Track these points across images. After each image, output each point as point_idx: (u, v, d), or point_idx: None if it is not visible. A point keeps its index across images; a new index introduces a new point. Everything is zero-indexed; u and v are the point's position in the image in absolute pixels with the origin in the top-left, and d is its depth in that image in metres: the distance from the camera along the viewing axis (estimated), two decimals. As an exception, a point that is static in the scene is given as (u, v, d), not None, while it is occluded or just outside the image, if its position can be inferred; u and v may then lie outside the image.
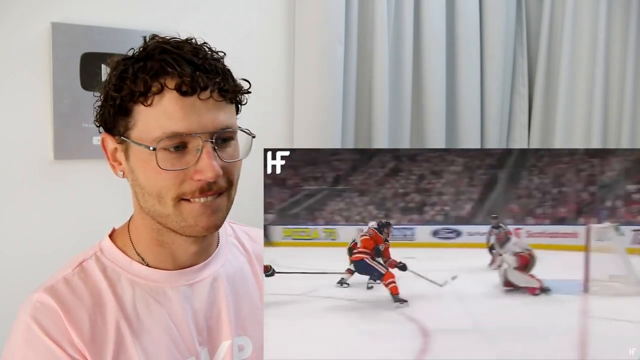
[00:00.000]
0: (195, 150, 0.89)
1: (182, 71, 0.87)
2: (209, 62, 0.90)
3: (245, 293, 1.08)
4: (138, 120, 0.89)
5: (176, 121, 0.87)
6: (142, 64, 0.89)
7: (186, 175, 0.90)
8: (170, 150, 0.88)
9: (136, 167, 0.92)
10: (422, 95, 2.40)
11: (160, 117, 0.88)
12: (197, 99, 0.88)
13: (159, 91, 0.87)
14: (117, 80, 0.90)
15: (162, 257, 0.99)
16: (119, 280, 0.97)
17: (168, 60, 0.88)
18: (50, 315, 0.91)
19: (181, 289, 1.00)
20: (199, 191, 0.91)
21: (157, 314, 0.97)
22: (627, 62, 2.52)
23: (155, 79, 0.88)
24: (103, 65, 1.74)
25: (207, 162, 0.88)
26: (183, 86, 0.87)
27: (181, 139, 0.88)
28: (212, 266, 1.04)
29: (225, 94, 0.91)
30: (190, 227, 0.93)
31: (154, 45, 0.91)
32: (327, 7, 2.07)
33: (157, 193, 0.91)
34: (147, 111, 0.88)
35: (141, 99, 0.88)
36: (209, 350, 1.01)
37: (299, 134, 2.13)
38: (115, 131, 0.93)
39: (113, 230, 1.04)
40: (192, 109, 0.88)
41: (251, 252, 1.13)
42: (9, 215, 1.69)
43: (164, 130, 0.87)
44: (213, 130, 0.89)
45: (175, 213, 0.92)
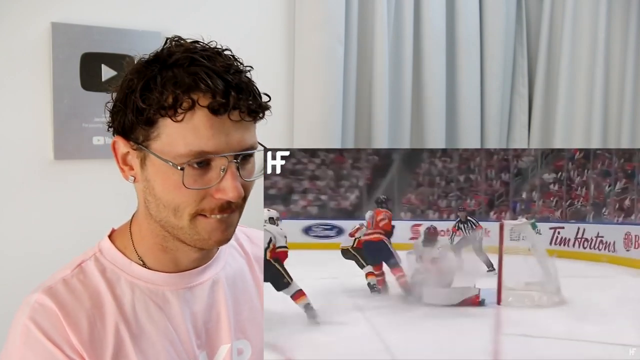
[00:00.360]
0: (219, 169, 0.88)
1: (215, 89, 0.85)
2: (240, 79, 0.89)
3: (244, 296, 1.08)
4: (162, 133, 0.87)
5: (205, 140, 0.85)
6: (171, 74, 0.86)
7: (207, 193, 0.89)
8: (194, 166, 0.87)
9: (154, 178, 0.90)
10: (422, 95, 2.40)
11: (187, 134, 0.85)
12: (227, 118, 0.86)
13: (189, 107, 0.85)
14: (144, 89, 0.87)
15: (164, 261, 0.99)
16: (118, 282, 0.96)
17: (201, 76, 0.85)
18: (48, 316, 0.90)
19: (180, 292, 0.99)
20: (219, 209, 0.90)
21: (156, 316, 0.96)
22: (627, 62, 2.52)
23: (186, 94, 0.85)
24: (103, 65, 1.74)
25: (231, 183, 0.88)
26: (215, 105, 0.85)
27: (207, 158, 0.87)
28: (212, 269, 1.04)
29: (254, 115, 0.90)
30: (202, 241, 0.93)
31: (183, 54, 0.88)
32: (327, 7, 2.07)
33: (175, 207, 0.90)
34: (174, 126, 0.86)
35: (170, 112, 0.85)
36: (207, 354, 1.01)
37: (299, 134, 2.13)
38: (131, 137, 0.90)
39: (112, 231, 1.03)
40: (221, 128, 0.86)
41: (250, 255, 1.13)
42: (9, 215, 1.69)
43: (190, 148, 0.86)
44: (239, 151, 0.88)
45: (190, 227, 0.91)
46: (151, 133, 0.88)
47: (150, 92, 0.86)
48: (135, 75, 0.89)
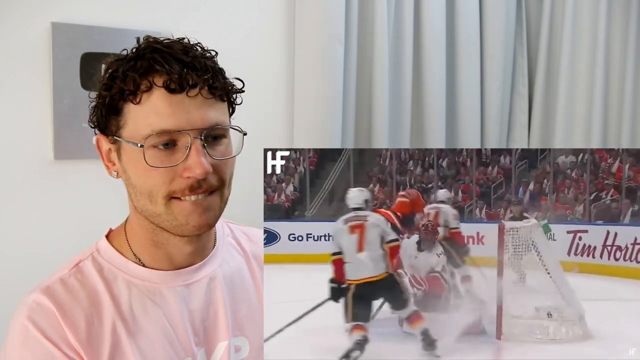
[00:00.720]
0: (184, 148, 0.89)
1: (170, 69, 0.87)
2: (198, 60, 0.90)
3: (242, 294, 1.08)
4: (128, 119, 0.90)
5: (165, 118, 0.87)
6: (133, 63, 0.89)
7: (176, 173, 0.90)
8: (160, 147, 0.88)
9: (128, 167, 0.92)
10: (422, 95, 2.40)
11: (148, 115, 0.88)
12: (186, 96, 0.88)
13: (147, 89, 0.88)
14: (108, 80, 0.91)
15: (158, 258, 0.99)
16: (115, 281, 0.97)
17: (157, 59, 0.88)
18: (46, 315, 0.90)
19: (177, 289, 0.99)
20: (189, 189, 0.90)
21: (153, 314, 0.97)
22: (627, 62, 2.52)
23: (144, 77, 0.88)
24: (103, 65, 1.74)
25: (196, 159, 0.88)
26: (171, 83, 0.87)
27: (170, 136, 0.88)
28: (208, 266, 1.04)
29: (214, 91, 0.91)
30: (181, 226, 0.93)
31: (145, 44, 0.91)
32: (327, 7, 2.08)
33: (148, 192, 0.91)
34: (136, 109, 0.89)
35: (130, 97, 0.88)
36: (205, 351, 1.01)
37: (299, 134, 2.13)
38: (108, 131, 0.93)
39: (110, 231, 1.04)
40: (181, 106, 0.88)
41: (249, 252, 1.13)
42: (9, 215, 1.69)
43: (152, 128, 0.87)
44: (202, 127, 0.89)
45: (167, 212, 0.91)
46: (120, 122, 0.91)
47: (114, 81, 0.90)
48: (105, 71, 0.93)
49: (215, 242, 1.07)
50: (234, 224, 1.15)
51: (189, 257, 1.01)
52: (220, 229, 1.09)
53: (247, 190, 1.37)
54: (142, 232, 0.98)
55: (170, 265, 1.00)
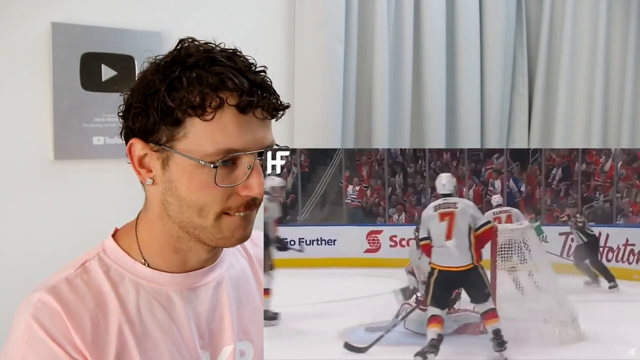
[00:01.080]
0: (244, 167, 0.89)
1: (242, 87, 0.86)
2: (262, 78, 0.90)
3: (247, 297, 1.08)
4: (189, 132, 0.87)
5: (233, 138, 0.87)
6: (195, 75, 0.87)
7: (233, 191, 0.90)
8: (221, 165, 0.88)
9: (178, 179, 0.90)
10: (422, 95, 2.39)
11: (216, 133, 0.86)
12: (253, 116, 0.88)
13: (218, 106, 0.86)
14: (169, 89, 0.87)
15: (172, 261, 0.99)
16: (122, 282, 0.96)
17: (227, 74, 0.86)
18: (51, 315, 0.90)
19: (185, 292, 0.99)
20: (244, 206, 0.91)
21: (160, 317, 0.96)
22: (627, 62, 2.52)
23: (214, 92, 0.86)
24: (103, 65, 1.74)
25: (258, 179, 0.89)
26: (243, 103, 0.86)
27: (234, 156, 0.88)
28: (216, 270, 1.04)
29: (276, 113, 0.91)
30: (225, 239, 0.94)
31: (203, 55, 0.89)
32: (327, 7, 2.07)
33: (200, 207, 0.90)
34: (202, 125, 0.87)
35: (199, 112, 0.86)
36: (210, 355, 1.01)
37: (299, 134, 2.13)
38: (154, 138, 0.90)
39: (116, 231, 1.03)
40: (247, 126, 0.88)
41: (253, 256, 1.13)
42: (9, 215, 1.69)
43: (219, 147, 0.87)
44: (263, 148, 0.90)
45: (214, 226, 0.92)
46: (177, 133, 0.88)
47: (176, 91, 0.86)
48: (155, 76, 0.89)
49: None
50: None
51: (202, 262, 1.01)
52: None
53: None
54: (163, 237, 0.97)
55: (181, 269, 0.99)
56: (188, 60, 0.88)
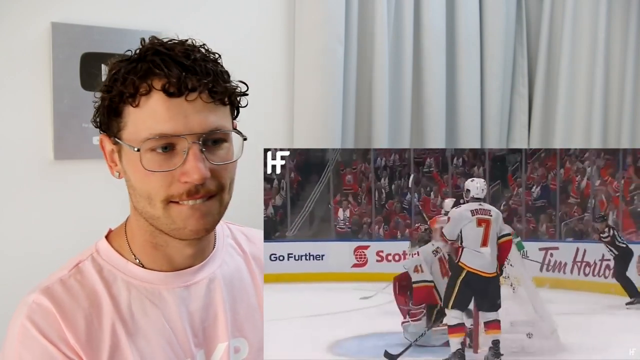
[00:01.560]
0: (182, 152, 0.88)
1: (169, 72, 0.87)
2: (199, 63, 0.89)
3: (242, 294, 1.08)
4: (128, 121, 0.90)
5: (162, 122, 0.87)
6: (134, 66, 0.89)
7: (174, 177, 0.89)
8: (158, 151, 0.88)
9: (127, 169, 0.92)
10: (422, 95, 2.39)
11: (147, 119, 0.88)
12: (184, 100, 0.87)
13: (146, 92, 0.87)
14: (109, 81, 0.91)
15: (158, 259, 0.99)
16: (114, 282, 0.97)
17: (156, 62, 0.88)
18: (46, 316, 0.90)
19: (177, 290, 0.99)
20: (187, 194, 0.90)
21: (152, 315, 0.97)
22: (627, 62, 2.52)
23: (143, 80, 0.88)
24: (103, 65, 1.74)
25: (193, 164, 0.87)
26: (169, 87, 0.86)
27: (168, 140, 0.88)
28: (208, 268, 1.04)
29: (215, 95, 0.90)
30: (179, 230, 0.92)
31: (148, 46, 0.91)
32: (327, 7, 2.07)
33: (147, 195, 0.90)
34: (135, 112, 0.88)
35: (130, 100, 0.88)
36: (205, 352, 1.01)
37: (299, 134, 2.13)
38: (110, 132, 0.93)
39: (109, 231, 1.04)
40: (179, 110, 0.87)
41: (248, 253, 1.13)
42: (9, 215, 1.69)
43: (150, 132, 0.87)
44: (200, 132, 0.88)
45: (165, 215, 0.91)
46: (120, 124, 0.90)
47: (114, 82, 0.90)
48: (108, 73, 0.93)
49: (215, 243, 1.07)
50: (234, 225, 1.15)
51: (189, 259, 1.01)
52: (220, 229, 1.09)
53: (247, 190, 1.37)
54: (141, 234, 0.98)
55: (170, 267, 1.00)
56: (135, 54, 0.92)
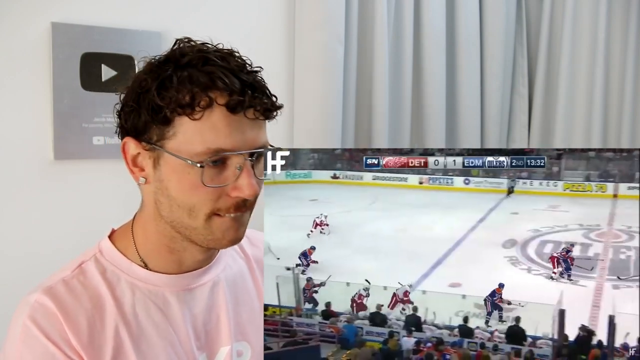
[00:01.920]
0: (234, 167, 0.88)
1: (232, 87, 0.86)
2: (254, 78, 0.90)
3: (245, 298, 1.08)
4: (179, 131, 0.87)
5: (222, 138, 0.86)
6: (187, 74, 0.87)
7: (223, 192, 0.89)
8: (210, 165, 0.88)
9: (168, 178, 0.90)
10: (422, 95, 2.39)
11: (205, 132, 0.86)
12: (244, 116, 0.87)
13: (207, 105, 0.86)
14: (159, 88, 0.87)
15: (168, 262, 0.99)
16: (118, 283, 0.96)
17: (217, 74, 0.86)
18: (48, 316, 0.90)
19: (181, 293, 0.99)
20: (234, 207, 0.91)
21: (156, 318, 0.96)
22: (627, 62, 2.52)
23: (204, 92, 0.86)
24: (103, 65, 1.74)
25: (248, 180, 0.88)
26: (232, 103, 0.86)
27: (224, 156, 0.88)
28: (212, 271, 1.04)
29: (269, 113, 0.91)
30: (216, 241, 0.93)
31: (196, 54, 0.89)
32: (327, 7, 2.07)
33: (190, 207, 0.90)
34: (192, 124, 0.86)
35: (188, 111, 0.86)
36: (207, 356, 1.01)
37: (299, 134, 2.13)
38: (145, 137, 0.90)
39: (112, 231, 1.03)
40: (237, 126, 0.87)
41: (250, 256, 1.13)
42: (9, 215, 1.69)
43: (208, 146, 0.86)
44: (254, 149, 0.89)
45: (205, 227, 0.91)
46: (167, 132, 0.88)
47: (167, 90, 0.87)
48: (148, 75, 0.89)
49: None
50: None
51: (197, 263, 1.01)
52: None
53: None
54: (157, 237, 0.97)
55: (177, 270, 0.99)
56: (181, 59, 0.89)
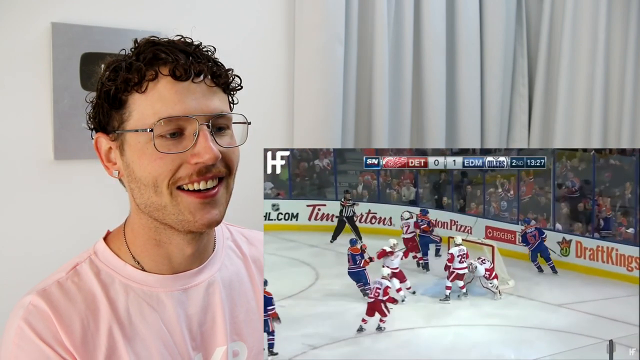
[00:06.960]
0: (191, 135, 0.89)
1: (175, 57, 0.89)
2: (200, 50, 0.93)
3: (241, 297, 1.07)
4: (133, 110, 0.90)
5: (172, 105, 0.88)
6: (135, 58, 0.91)
7: (183, 161, 0.89)
8: (167, 137, 0.89)
9: (132, 160, 0.92)
10: (422, 95, 2.40)
11: (155, 103, 0.88)
12: (191, 83, 0.89)
13: (153, 78, 0.89)
14: (111, 74, 0.91)
15: (158, 260, 0.98)
16: (112, 284, 0.96)
17: (161, 49, 0.90)
18: (42, 318, 0.90)
19: (175, 294, 0.99)
20: (197, 174, 0.90)
21: (150, 318, 0.96)
22: (627, 62, 2.52)
23: (149, 66, 0.89)
24: (102, 65, 1.74)
25: (205, 144, 0.88)
26: (177, 71, 0.88)
27: (177, 123, 0.89)
28: (207, 271, 1.03)
29: (218, 79, 0.92)
30: (188, 223, 0.92)
31: (144, 41, 0.93)
32: (327, 7, 2.08)
33: (153, 182, 0.90)
34: (142, 99, 0.89)
35: (136, 87, 0.89)
36: (203, 356, 1.01)
37: (299, 134, 2.13)
38: (109, 128, 0.93)
39: (108, 233, 1.03)
40: (187, 92, 0.89)
41: (248, 256, 1.12)
42: (9, 215, 1.69)
43: (159, 115, 0.88)
44: (209, 114, 0.90)
45: (172, 204, 0.91)
46: (124, 115, 0.91)
47: (117, 73, 0.90)
48: (105, 70, 0.94)
49: (215, 245, 1.06)
50: (234, 226, 1.15)
51: (188, 260, 1.00)
52: (219, 232, 1.08)
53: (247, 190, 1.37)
54: (143, 232, 0.97)
55: (169, 269, 0.99)
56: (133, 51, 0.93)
